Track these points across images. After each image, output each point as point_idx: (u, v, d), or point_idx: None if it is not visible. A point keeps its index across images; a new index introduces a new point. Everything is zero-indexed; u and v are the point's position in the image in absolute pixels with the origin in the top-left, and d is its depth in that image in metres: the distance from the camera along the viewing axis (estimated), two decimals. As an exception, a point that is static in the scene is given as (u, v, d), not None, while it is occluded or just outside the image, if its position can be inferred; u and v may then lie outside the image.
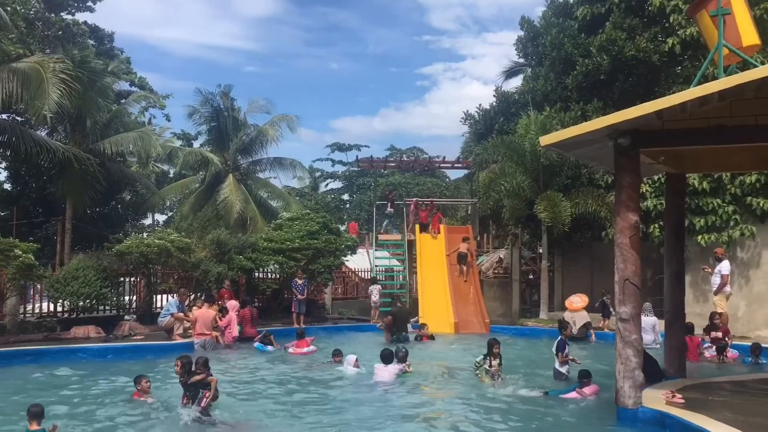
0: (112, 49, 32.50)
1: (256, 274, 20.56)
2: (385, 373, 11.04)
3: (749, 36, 9.19)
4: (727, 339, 13.29)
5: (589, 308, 17.35)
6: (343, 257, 21.51)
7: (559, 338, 11.17)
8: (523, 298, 22.88)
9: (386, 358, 11.26)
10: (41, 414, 6.70)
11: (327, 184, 60.19)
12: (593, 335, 16.71)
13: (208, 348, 14.06)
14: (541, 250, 21.38)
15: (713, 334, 13.35)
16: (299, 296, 18.50)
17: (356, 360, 11.90)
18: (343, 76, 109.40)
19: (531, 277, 23.31)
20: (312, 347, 14.38)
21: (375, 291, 20.93)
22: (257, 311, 17.29)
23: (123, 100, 28.82)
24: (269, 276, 20.93)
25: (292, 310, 18.67)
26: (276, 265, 19.88)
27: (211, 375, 8.56)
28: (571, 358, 11.02)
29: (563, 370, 10.89)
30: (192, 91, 35.06)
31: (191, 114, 30.70)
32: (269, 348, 14.62)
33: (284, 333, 16.20)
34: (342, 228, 40.21)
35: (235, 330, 15.32)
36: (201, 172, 31.62)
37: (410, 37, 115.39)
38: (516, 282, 22.10)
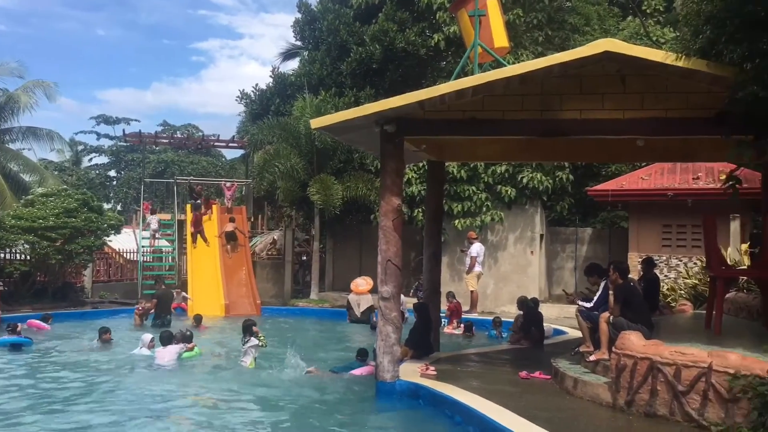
0: None
1: (2, 255, 18.51)
2: (166, 354, 10.97)
3: (500, 38, 10.05)
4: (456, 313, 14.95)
5: (374, 290, 17.93)
6: (105, 237, 20.12)
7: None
8: (296, 279, 23.12)
9: (164, 340, 11.26)
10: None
11: (91, 159, 55.82)
12: (375, 318, 17.36)
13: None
14: (314, 232, 21.73)
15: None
16: None
17: (152, 339, 11.59)
18: (111, 44, 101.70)
19: (304, 258, 23.61)
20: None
21: (154, 220, 21.41)
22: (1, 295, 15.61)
23: None
24: (18, 257, 18.92)
25: None
26: (26, 246, 18.05)
27: None
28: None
29: None
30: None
31: None
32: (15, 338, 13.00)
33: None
34: (107, 206, 37.63)
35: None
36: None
37: (185, 10, 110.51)
38: (289, 263, 22.25)
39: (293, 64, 27.92)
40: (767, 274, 8.65)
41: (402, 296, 15.37)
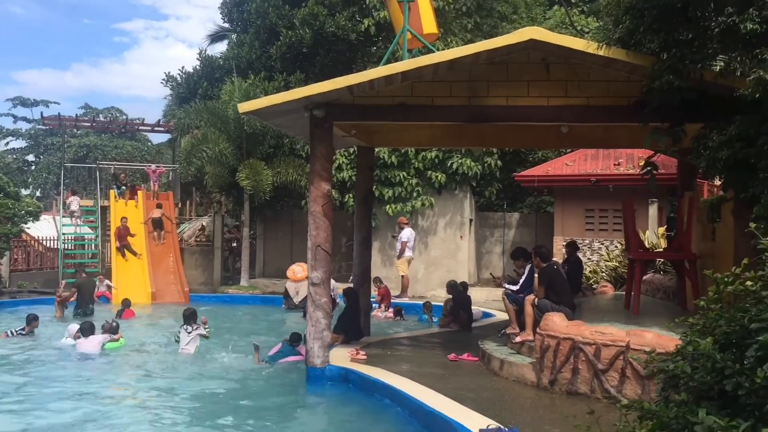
0: None
1: None
2: (88, 344, 10.72)
3: (429, 25, 10.11)
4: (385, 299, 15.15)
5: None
6: (23, 224, 19.36)
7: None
8: (225, 266, 22.78)
9: (86, 330, 11.01)
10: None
11: (8, 143, 53.29)
12: None
13: None
14: (243, 218, 21.43)
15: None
16: None
17: (78, 330, 11.20)
18: (28, 23, 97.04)
19: (234, 245, 23.29)
20: None
21: (75, 202, 21.88)
22: None
23: None
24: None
25: None
26: (-63, 234, 17.19)
27: None
28: None
29: None
30: None
31: None
32: None
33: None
34: (25, 192, 36.16)
35: None
36: None
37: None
38: (218, 250, 21.89)
39: (221, 47, 27.43)
40: (682, 256, 9.05)
41: (333, 281, 15.48)
